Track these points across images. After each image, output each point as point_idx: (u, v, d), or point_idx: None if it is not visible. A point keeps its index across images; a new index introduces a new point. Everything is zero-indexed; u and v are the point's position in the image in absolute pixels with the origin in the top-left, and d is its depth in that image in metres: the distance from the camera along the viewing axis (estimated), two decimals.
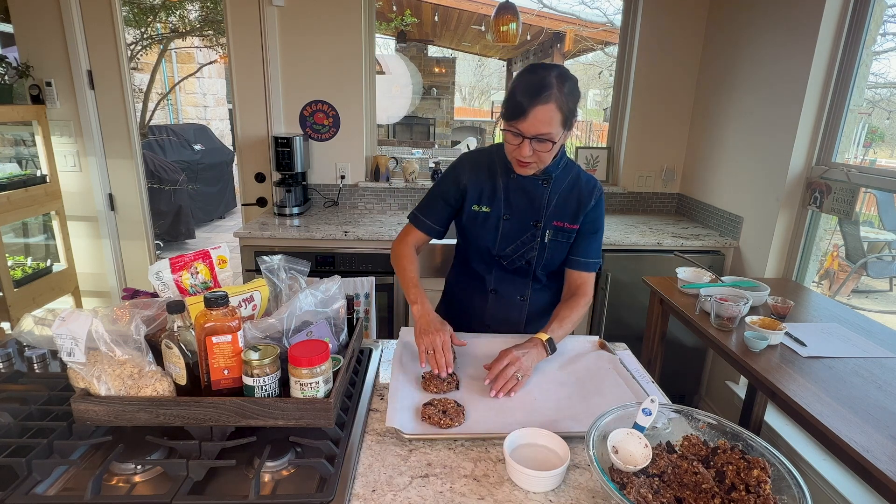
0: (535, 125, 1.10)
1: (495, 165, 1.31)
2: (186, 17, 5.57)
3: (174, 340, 0.85)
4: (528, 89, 1.09)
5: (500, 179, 1.30)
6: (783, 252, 2.18)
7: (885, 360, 1.37)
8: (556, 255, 1.32)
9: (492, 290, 1.38)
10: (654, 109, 2.80)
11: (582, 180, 1.30)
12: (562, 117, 1.11)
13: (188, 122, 8.29)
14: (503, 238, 1.31)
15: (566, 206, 1.29)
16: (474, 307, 1.42)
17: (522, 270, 1.35)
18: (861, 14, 1.86)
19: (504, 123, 1.15)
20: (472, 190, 1.31)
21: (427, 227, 1.36)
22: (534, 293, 1.38)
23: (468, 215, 1.32)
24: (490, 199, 1.30)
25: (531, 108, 1.08)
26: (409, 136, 8.79)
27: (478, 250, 1.35)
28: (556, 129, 1.11)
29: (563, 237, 1.30)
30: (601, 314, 2.41)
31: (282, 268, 1.06)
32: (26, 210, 2.63)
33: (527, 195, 1.29)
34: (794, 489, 0.73)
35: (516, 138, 1.14)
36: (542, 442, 0.90)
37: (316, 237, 2.27)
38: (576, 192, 1.29)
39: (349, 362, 1.02)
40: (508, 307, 1.39)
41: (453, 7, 5.83)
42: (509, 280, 1.37)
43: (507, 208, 1.30)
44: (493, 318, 1.40)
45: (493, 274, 1.37)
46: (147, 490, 0.79)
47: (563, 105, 1.10)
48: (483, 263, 1.37)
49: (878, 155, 3.21)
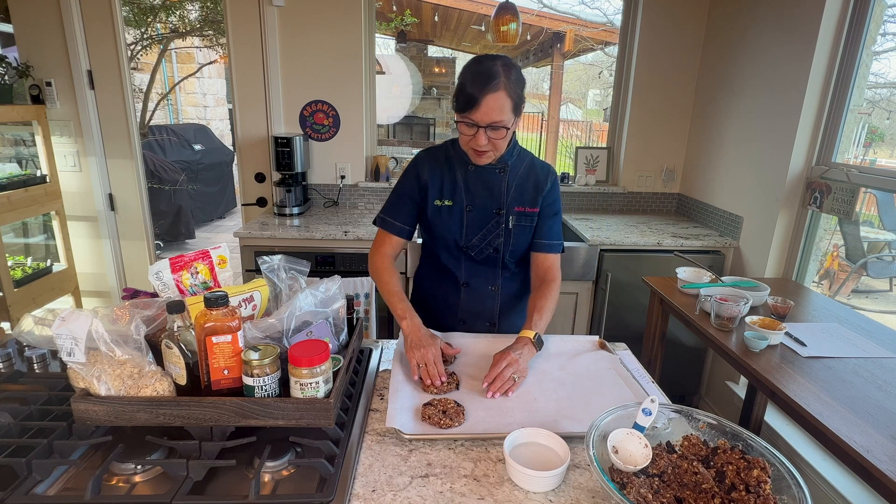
0: (489, 113, 1.14)
1: (452, 160, 1.34)
2: (186, 17, 5.57)
3: (174, 340, 0.85)
4: (478, 80, 1.13)
5: (459, 172, 1.34)
6: (783, 252, 2.18)
7: (885, 360, 1.37)
8: (521, 239, 1.36)
9: (464, 283, 1.41)
10: (654, 109, 2.80)
11: (536, 166, 1.37)
12: (512, 104, 1.16)
13: (188, 122, 8.29)
14: (469, 228, 1.34)
15: (525, 192, 1.34)
16: (448, 303, 1.44)
17: (491, 260, 1.38)
18: (861, 14, 1.86)
19: (458, 116, 1.20)
20: (433, 185, 1.34)
21: (398, 228, 1.37)
22: (504, 282, 1.42)
23: (432, 210, 1.35)
24: (451, 193, 1.34)
25: (483, 97, 1.13)
26: (409, 136, 8.78)
27: (445, 244, 1.38)
28: (508, 115, 1.16)
29: (526, 221, 1.35)
30: (601, 314, 2.41)
31: (282, 268, 1.06)
32: (26, 210, 2.63)
33: (486, 185, 1.33)
34: (794, 489, 0.73)
35: (471, 129, 1.18)
36: (542, 442, 0.90)
37: (316, 237, 2.27)
38: (532, 178, 1.35)
39: (349, 362, 1.02)
40: (482, 299, 1.42)
41: (453, 7, 5.82)
42: (480, 272, 1.40)
43: (469, 199, 1.33)
44: (467, 311, 1.43)
45: (464, 267, 1.40)
46: (147, 490, 0.80)
47: (511, 92, 1.15)
48: (452, 257, 1.39)
49: (878, 155, 3.21)
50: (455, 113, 1.20)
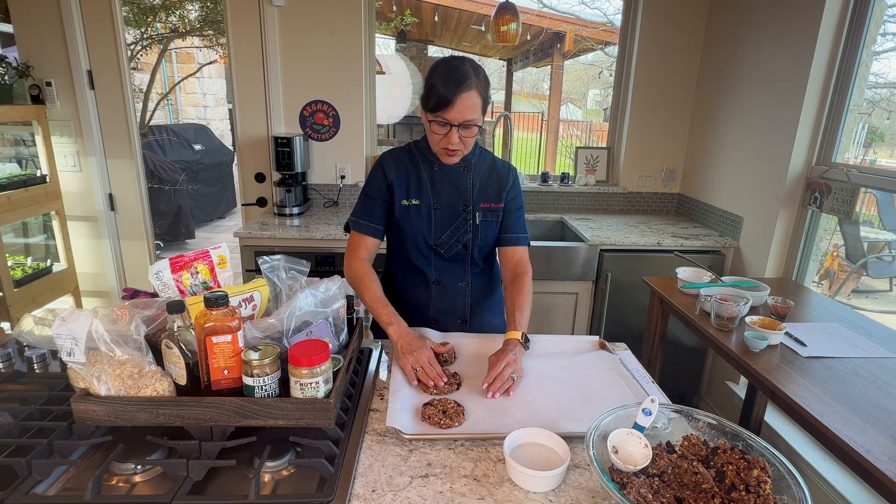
0: (462, 112, 1.17)
1: (416, 160, 1.36)
2: (186, 17, 5.57)
3: (174, 340, 0.85)
4: (451, 80, 1.16)
5: (424, 171, 1.35)
6: (783, 252, 2.18)
7: (885, 360, 1.37)
8: (488, 234, 1.39)
9: (434, 280, 1.41)
10: (654, 109, 2.80)
11: (497, 164, 1.40)
12: (482, 103, 1.20)
13: (188, 122, 8.29)
14: (437, 227, 1.36)
15: (489, 188, 1.37)
16: (418, 302, 1.44)
17: (460, 256, 1.39)
18: (861, 14, 1.86)
19: (430, 115, 1.21)
20: (399, 185, 1.35)
21: (372, 229, 1.37)
22: (473, 279, 1.43)
23: (400, 210, 1.36)
24: (417, 192, 1.35)
25: (456, 96, 1.15)
26: (409, 136, 8.78)
27: (415, 243, 1.38)
28: (479, 114, 1.20)
29: (492, 216, 1.38)
30: (601, 314, 2.41)
31: (282, 268, 1.06)
32: (26, 210, 2.63)
33: (452, 183, 1.35)
34: (794, 489, 0.73)
35: (443, 128, 1.20)
36: (542, 442, 0.90)
37: (316, 237, 2.27)
38: (495, 174, 1.39)
39: (349, 362, 1.02)
40: (453, 296, 1.43)
41: (453, 7, 5.82)
42: (450, 269, 1.41)
43: (436, 198, 1.35)
44: (438, 309, 1.43)
45: (433, 265, 1.40)
46: (147, 490, 0.79)
47: (482, 91, 1.19)
48: (422, 256, 1.40)
49: (878, 155, 3.21)
50: (426, 113, 1.22)
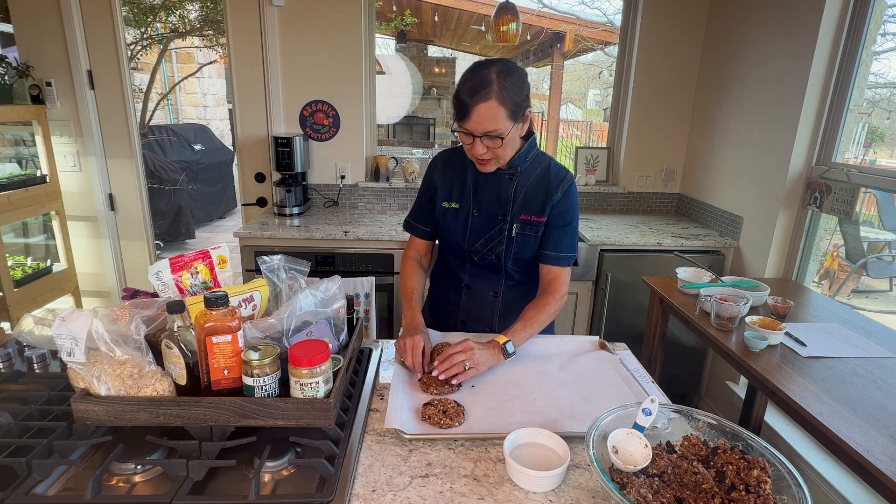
0: (480, 123, 1.12)
1: (465, 162, 1.33)
2: (186, 17, 5.57)
3: (174, 340, 0.85)
4: (469, 89, 1.12)
5: (470, 175, 1.33)
6: (783, 252, 2.17)
7: (885, 360, 1.37)
8: (524, 248, 1.32)
9: (465, 285, 1.41)
10: (654, 109, 2.80)
11: (551, 172, 1.30)
12: (507, 111, 1.12)
13: (188, 122, 8.29)
14: (472, 233, 1.33)
15: (533, 199, 1.29)
16: (450, 303, 1.45)
17: (494, 266, 1.36)
18: (861, 14, 1.86)
19: (456, 125, 1.18)
20: (442, 187, 1.35)
21: (421, 231, 1.41)
22: (506, 290, 1.39)
23: (439, 211, 1.36)
24: (459, 196, 1.34)
25: (473, 107, 1.11)
26: (409, 136, 8.77)
27: (450, 246, 1.38)
28: (503, 124, 1.13)
29: (531, 230, 1.30)
30: (601, 314, 2.41)
31: (282, 268, 1.06)
32: (26, 210, 2.63)
33: (493, 190, 1.31)
34: (794, 489, 0.73)
35: (468, 138, 1.17)
36: (542, 442, 0.90)
37: (316, 237, 2.27)
38: (543, 185, 1.29)
39: (349, 362, 1.01)
40: (482, 304, 1.41)
41: (453, 7, 5.82)
42: (482, 276, 1.39)
43: (476, 203, 1.32)
44: (466, 314, 1.43)
45: (467, 270, 1.40)
46: (147, 490, 0.79)
47: (506, 99, 1.11)
48: (457, 259, 1.40)
49: (878, 155, 3.22)
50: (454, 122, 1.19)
